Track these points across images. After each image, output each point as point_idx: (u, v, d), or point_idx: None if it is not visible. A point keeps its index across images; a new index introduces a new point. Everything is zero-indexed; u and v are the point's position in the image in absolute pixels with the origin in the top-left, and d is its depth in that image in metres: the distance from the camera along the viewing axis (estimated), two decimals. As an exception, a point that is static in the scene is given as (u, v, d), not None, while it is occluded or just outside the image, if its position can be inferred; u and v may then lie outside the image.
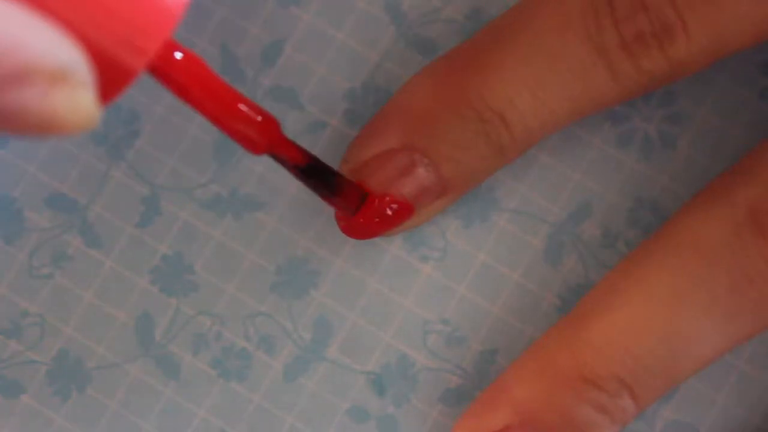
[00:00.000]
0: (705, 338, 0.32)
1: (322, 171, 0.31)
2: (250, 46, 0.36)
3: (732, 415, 0.35)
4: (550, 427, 0.32)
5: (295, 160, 0.30)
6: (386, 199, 0.33)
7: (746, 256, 0.31)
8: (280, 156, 0.30)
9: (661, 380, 0.32)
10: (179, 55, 0.27)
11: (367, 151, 0.33)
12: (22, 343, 0.35)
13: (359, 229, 0.33)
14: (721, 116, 0.35)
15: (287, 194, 0.36)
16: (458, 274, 0.35)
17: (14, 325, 0.35)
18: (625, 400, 0.32)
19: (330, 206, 0.33)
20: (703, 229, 0.32)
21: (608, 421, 0.32)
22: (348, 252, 0.35)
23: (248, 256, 0.35)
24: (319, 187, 0.32)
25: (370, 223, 0.33)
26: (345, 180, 0.32)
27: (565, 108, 0.32)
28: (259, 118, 0.29)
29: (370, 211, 0.33)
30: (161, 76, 0.27)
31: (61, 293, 0.35)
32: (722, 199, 0.32)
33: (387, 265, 0.35)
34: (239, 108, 0.28)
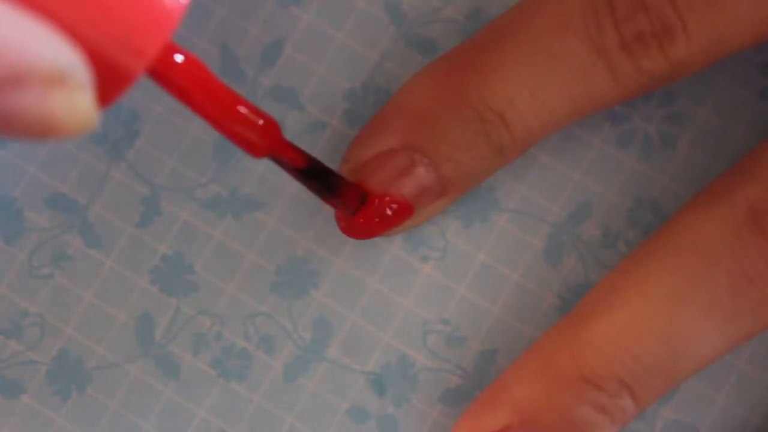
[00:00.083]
0: (705, 338, 0.32)
1: (322, 173, 0.31)
2: (250, 46, 0.36)
3: (732, 415, 0.35)
4: (550, 427, 0.32)
5: (295, 163, 0.30)
6: (386, 199, 0.33)
7: (746, 257, 0.31)
8: (281, 159, 0.30)
9: (661, 380, 0.32)
10: (179, 57, 0.26)
11: (367, 151, 0.33)
12: (22, 343, 0.35)
13: (359, 229, 0.33)
14: (721, 116, 0.35)
15: (287, 194, 0.36)
16: (458, 274, 0.35)
17: (14, 325, 0.35)
18: (625, 400, 0.32)
19: (330, 207, 0.33)
20: (703, 229, 0.32)
21: (608, 421, 0.32)
22: (348, 252, 0.35)
23: (248, 256, 0.35)
24: (319, 189, 0.31)
25: (370, 223, 0.33)
26: (345, 181, 0.32)
27: (565, 108, 0.32)
28: (260, 122, 0.28)
29: (370, 211, 0.33)
30: (161, 79, 0.26)
31: (61, 293, 0.35)
32: (722, 200, 0.32)
33: (387, 265, 0.35)
34: (240, 111, 0.28)
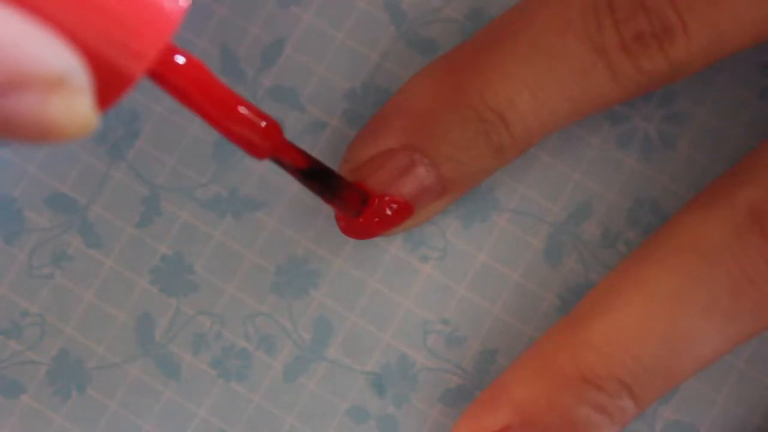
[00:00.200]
0: (705, 338, 0.32)
1: (324, 173, 0.31)
2: (250, 46, 0.36)
3: (732, 415, 0.35)
4: (550, 428, 0.32)
5: (296, 163, 0.30)
6: (386, 199, 0.33)
7: (746, 257, 0.31)
8: (282, 159, 0.30)
9: (661, 380, 0.32)
10: (181, 59, 0.26)
11: (366, 151, 0.33)
12: (22, 343, 0.35)
13: (359, 229, 0.33)
14: (721, 116, 0.35)
15: (287, 194, 0.36)
16: (458, 274, 0.35)
17: (14, 325, 0.35)
18: (625, 401, 0.32)
19: (331, 208, 0.33)
20: (704, 229, 0.32)
21: (608, 421, 0.32)
22: (348, 252, 0.35)
23: (248, 256, 0.35)
24: (320, 190, 0.31)
25: (370, 223, 0.33)
26: (346, 182, 0.32)
27: (565, 108, 0.32)
28: (262, 123, 0.28)
29: (369, 211, 0.33)
30: (162, 82, 0.26)
31: (61, 293, 0.35)
32: (722, 200, 0.32)
33: (387, 265, 0.35)
34: (242, 113, 0.28)
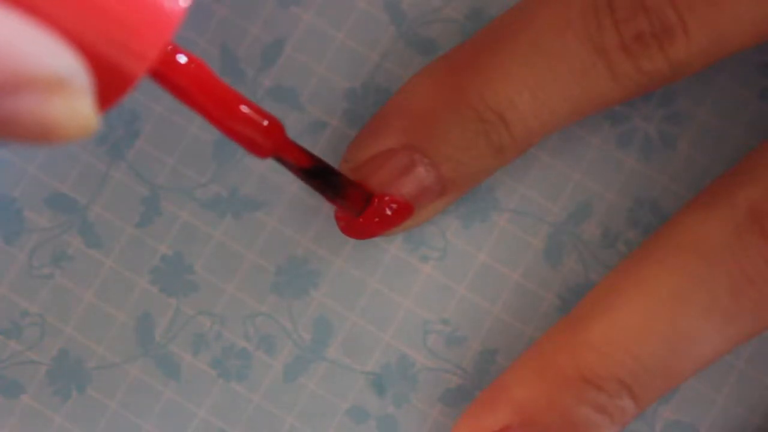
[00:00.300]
0: (705, 338, 0.32)
1: (326, 172, 0.31)
2: (250, 46, 0.36)
3: (732, 415, 0.35)
4: (550, 428, 0.32)
5: (299, 162, 0.30)
6: (386, 199, 0.33)
7: (746, 257, 0.31)
8: (285, 159, 0.30)
9: (661, 380, 0.32)
10: (182, 59, 0.26)
11: (366, 151, 0.33)
12: (22, 343, 0.35)
13: (359, 229, 0.33)
14: (721, 116, 0.35)
15: (287, 194, 0.36)
16: (458, 274, 0.35)
17: (14, 325, 0.35)
18: (625, 401, 0.32)
19: (335, 206, 0.33)
20: (704, 229, 0.32)
21: (608, 421, 0.32)
22: (348, 252, 0.35)
23: (248, 256, 0.35)
24: (323, 189, 0.31)
25: (370, 223, 0.33)
26: (349, 182, 0.32)
27: (565, 108, 0.32)
28: (264, 122, 0.28)
29: (369, 211, 0.33)
30: (164, 81, 0.26)
31: (61, 293, 0.35)
32: (722, 200, 0.32)
33: (387, 265, 0.35)
34: (244, 112, 0.28)
